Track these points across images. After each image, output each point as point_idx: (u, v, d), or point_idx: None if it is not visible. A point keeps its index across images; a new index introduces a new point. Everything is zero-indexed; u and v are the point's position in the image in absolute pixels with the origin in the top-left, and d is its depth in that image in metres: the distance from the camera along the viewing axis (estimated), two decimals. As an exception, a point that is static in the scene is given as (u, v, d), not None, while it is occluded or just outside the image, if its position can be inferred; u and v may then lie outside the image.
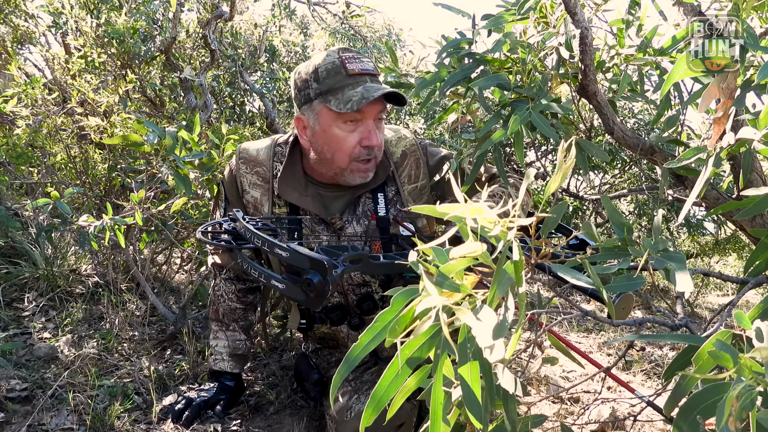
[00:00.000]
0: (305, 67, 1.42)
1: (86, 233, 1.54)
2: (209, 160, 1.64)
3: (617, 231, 0.68)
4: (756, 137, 0.69)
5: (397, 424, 1.35)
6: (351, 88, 1.34)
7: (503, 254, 0.55)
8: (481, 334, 0.51)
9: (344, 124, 1.37)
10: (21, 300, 2.00)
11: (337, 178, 1.45)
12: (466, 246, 0.56)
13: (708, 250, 3.93)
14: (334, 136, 1.38)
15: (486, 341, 0.50)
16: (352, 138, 1.37)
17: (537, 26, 1.12)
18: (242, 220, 1.08)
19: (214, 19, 2.74)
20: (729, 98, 0.75)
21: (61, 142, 2.27)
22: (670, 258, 0.63)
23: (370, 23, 4.97)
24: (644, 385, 2.12)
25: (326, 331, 1.60)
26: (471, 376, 0.55)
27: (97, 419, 1.40)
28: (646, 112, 3.07)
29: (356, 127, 1.37)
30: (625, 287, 0.65)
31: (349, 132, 1.37)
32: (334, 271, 0.88)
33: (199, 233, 1.18)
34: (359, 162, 1.40)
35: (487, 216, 0.56)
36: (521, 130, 0.99)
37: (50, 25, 2.65)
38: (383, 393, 0.58)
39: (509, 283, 0.56)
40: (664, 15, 1.15)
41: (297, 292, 0.91)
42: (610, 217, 0.70)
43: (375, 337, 0.59)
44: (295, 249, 0.91)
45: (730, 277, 0.92)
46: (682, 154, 0.81)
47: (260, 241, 0.99)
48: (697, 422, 0.53)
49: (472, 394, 0.55)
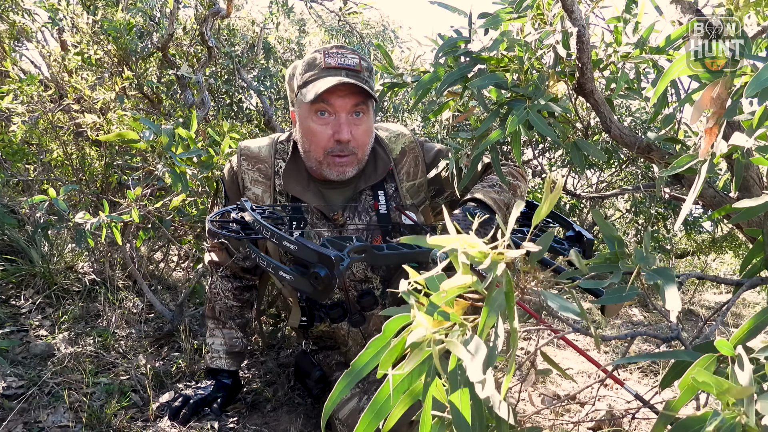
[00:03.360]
0: (299, 63, 1.47)
1: (83, 230, 1.53)
2: (208, 158, 1.64)
3: (609, 244, 0.69)
4: (747, 144, 0.69)
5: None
6: (321, 79, 1.36)
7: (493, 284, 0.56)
8: (471, 368, 0.52)
9: (316, 117, 1.39)
10: (17, 297, 2.00)
11: (318, 172, 1.47)
12: (457, 278, 0.58)
13: (704, 248, 3.94)
14: (309, 129, 1.41)
15: (477, 376, 0.51)
16: (323, 131, 1.40)
17: (534, 24, 1.12)
18: (251, 210, 1.09)
19: (211, 16, 2.73)
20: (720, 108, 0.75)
21: (57, 139, 2.26)
22: (661, 274, 0.64)
23: (366, 20, 4.96)
24: (640, 383, 2.13)
25: (325, 329, 1.61)
26: (461, 403, 0.57)
27: (93, 417, 1.40)
28: (643, 110, 3.08)
29: (328, 120, 1.40)
30: (618, 299, 0.66)
31: (322, 125, 1.40)
32: (341, 264, 0.90)
33: (209, 222, 1.19)
34: (333, 156, 1.42)
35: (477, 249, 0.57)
36: (519, 129, 0.99)
37: (47, 22, 2.63)
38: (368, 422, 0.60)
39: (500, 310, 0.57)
40: (660, 11, 1.15)
41: (304, 284, 0.93)
42: (601, 230, 0.70)
43: (368, 363, 0.61)
44: (303, 243, 0.92)
45: (725, 279, 0.92)
46: (675, 162, 0.81)
47: (269, 233, 1.00)
48: None
49: (463, 421, 0.57)
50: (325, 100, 1.36)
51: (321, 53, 1.40)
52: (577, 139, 1.07)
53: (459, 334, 0.58)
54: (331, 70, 1.37)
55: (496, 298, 0.57)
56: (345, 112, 1.39)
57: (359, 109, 1.40)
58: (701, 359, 0.56)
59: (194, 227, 2.20)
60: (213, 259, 1.66)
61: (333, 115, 1.39)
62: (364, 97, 1.39)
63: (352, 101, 1.38)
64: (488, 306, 0.56)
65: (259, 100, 3.20)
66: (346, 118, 1.39)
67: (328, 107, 1.38)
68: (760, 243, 0.81)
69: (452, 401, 0.57)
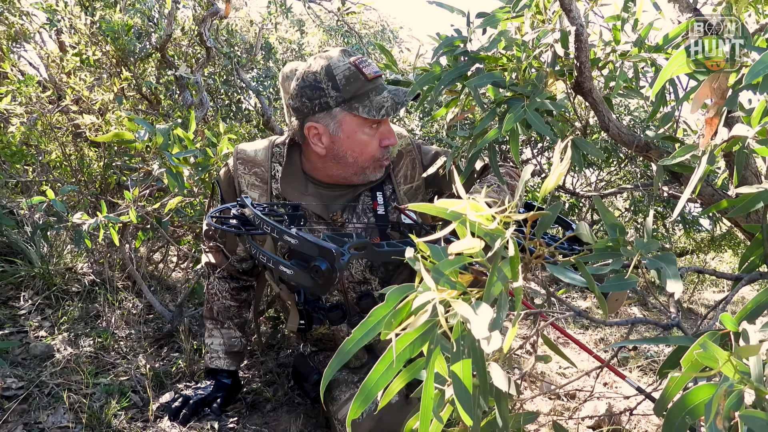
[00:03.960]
0: (307, 74, 1.38)
1: (81, 231, 1.53)
2: (204, 159, 1.63)
3: (610, 232, 0.69)
4: (749, 134, 0.69)
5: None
6: (375, 93, 1.38)
7: (500, 250, 0.56)
8: (477, 325, 0.51)
9: (369, 129, 1.41)
10: (17, 299, 2.00)
11: (353, 178, 1.48)
12: (464, 242, 0.56)
13: (703, 247, 3.94)
14: (359, 141, 1.41)
15: (482, 333, 0.51)
16: (375, 141, 1.43)
17: (532, 23, 1.12)
18: (251, 206, 1.09)
19: (210, 16, 2.73)
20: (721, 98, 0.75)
21: (55, 140, 2.26)
22: (662, 259, 0.64)
23: (365, 20, 4.96)
24: (640, 381, 2.13)
25: (325, 331, 1.60)
26: (464, 373, 0.56)
27: (93, 417, 1.40)
28: (642, 109, 3.08)
29: (377, 130, 1.43)
30: (618, 287, 0.66)
31: (371, 135, 1.42)
32: (342, 258, 0.90)
33: (208, 218, 1.19)
34: (377, 160, 1.46)
35: (484, 212, 0.56)
36: (516, 128, 0.99)
37: (45, 23, 2.63)
38: (373, 385, 0.58)
39: (504, 281, 0.56)
40: (658, 6, 1.15)
41: (305, 278, 0.93)
42: (603, 218, 0.70)
43: (368, 332, 0.59)
44: (304, 237, 0.93)
45: (724, 274, 0.92)
46: (676, 152, 0.81)
47: (269, 227, 1.00)
48: (686, 423, 0.54)
49: (464, 391, 0.56)
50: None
51: (352, 64, 1.37)
52: (576, 138, 1.07)
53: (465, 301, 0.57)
54: (374, 81, 1.39)
55: (501, 268, 0.56)
56: (388, 119, 1.44)
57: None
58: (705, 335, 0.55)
59: (193, 228, 2.20)
60: (210, 261, 1.66)
61: (380, 124, 1.43)
62: None
63: None
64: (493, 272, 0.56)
65: (258, 100, 3.20)
66: (389, 125, 1.45)
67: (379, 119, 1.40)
68: (758, 239, 0.81)
69: (454, 371, 0.56)
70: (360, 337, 0.59)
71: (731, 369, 0.51)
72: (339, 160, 1.44)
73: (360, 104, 1.36)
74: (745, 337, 0.53)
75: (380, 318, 0.59)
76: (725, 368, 0.51)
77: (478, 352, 0.56)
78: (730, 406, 0.49)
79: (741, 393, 0.50)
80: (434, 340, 0.57)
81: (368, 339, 0.59)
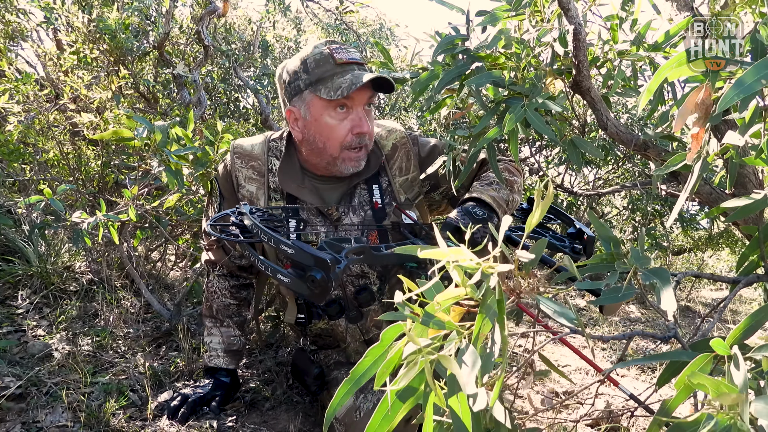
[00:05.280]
0: (292, 61, 1.45)
1: (79, 230, 1.53)
2: (203, 155, 1.63)
3: (605, 245, 0.70)
4: (740, 143, 0.69)
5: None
6: (340, 76, 1.37)
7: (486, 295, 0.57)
8: (465, 382, 0.53)
9: (335, 112, 1.40)
10: (14, 297, 1.99)
11: (330, 168, 1.47)
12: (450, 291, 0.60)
13: (701, 245, 3.95)
14: (325, 125, 1.41)
15: (470, 389, 0.53)
16: (343, 126, 1.41)
17: (532, 22, 1.12)
18: (249, 214, 1.10)
19: (208, 14, 2.73)
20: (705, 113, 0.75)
21: (53, 138, 2.25)
22: (657, 274, 0.65)
23: (362, 18, 4.96)
24: (638, 379, 2.14)
25: (324, 326, 1.61)
26: (461, 407, 0.58)
27: (92, 416, 1.40)
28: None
29: (347, 115, 1.41)
30: (615, 299, 0.67)
31: (340, 120, 1.40)
32: (337, 267, 0.91)
33: (208, 226, 1.20)
34: (350, 150, 1.43)
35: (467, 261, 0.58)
36: (516, 128, 0.99)
37: (42, 21, 2.62)
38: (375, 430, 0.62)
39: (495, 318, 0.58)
40: (657, 9, 1.16)
41: (301, 287, 0.94)
42: (598, 232, 0.71)
43: (367, 370, 0.63)
44: (300, 246, 0.94)
45: (722, 277, 0.92)
46: (669, 161, 0.81)
47: (266, 237, 1.01)
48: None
49: (461, 425, 0.58)
50: (347, 95, 1.37)
51: (327, 49, 1.40)
52: (574, 137, 1.07)
53: (455, 342, 0.60)
54: (345, 65, 1.39)
55: (490, 306, 0.58)
56: (362, 105, 1.41)
57: (370, 101, 1.44)
58: (697, 359, 0.57)
59: (191, 226, 2.20)
60: (210, 258, 1.66)
61: (351, 109, 1.40)
62: (374, 91, 1.42)
63: (367, 94, 1.41)
64: (483, 313, 0.58)
65: (256, 98, 3.20)
66: (362, 111, 1.42)
67: (347, 101, 1.39)
68: (756, 240, 0.81)
69: (451, 406, 0.58)
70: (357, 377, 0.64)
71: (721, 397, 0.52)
72: (312, 146, 1.45)
73: (323, 86, 1.38)
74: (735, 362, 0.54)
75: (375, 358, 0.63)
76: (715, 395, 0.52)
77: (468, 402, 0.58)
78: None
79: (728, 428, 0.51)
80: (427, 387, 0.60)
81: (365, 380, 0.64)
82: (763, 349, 0.56)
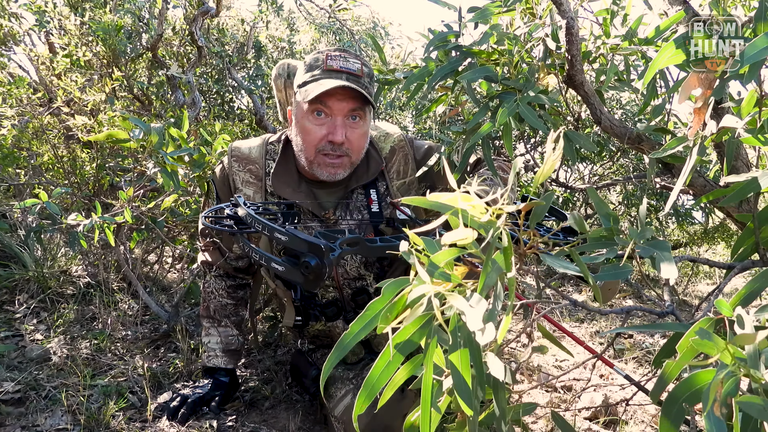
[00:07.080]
0: (300, 62, 1.49)
1: (76, 233, 1.53)
2: (200, 156, 1.63)
3: (604, 221, 0.69)
4: (739, 126, 0.69)
5: (404, 413, 1.35)
6: (320, 80, 1.37)
7: (493, 242, 0.56)
8: (471, 317, 0.52)
9: (312, 116, 1.40)
10: (12, 302, 1.99)
11: (312, 171, 1.47)
12: (457, 232, 0.56)
13: (696, 239, 3.96)
14: (303, 128, 1.42)
15: (476, 324, 0.51)
16: (318, 130, 1.40)
17: (523, 18, 1.13)
18: (244, 206, 1.10)
19: (201, 15, 2.72)
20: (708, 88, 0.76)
21: (47, 142, 2.25)
22: (656, 246, 0.64)
23: (356, 17, 4.96)
24: (636, 372, 2.14)
25: (321, 328, 1.61)
26: (461, 364, 0.56)
27: (91, 419, 1.40)
28: (634, 102, 3.09)
29: (324, 121, 1.40)
30: (613, 276, 0.66)
31: (318, 125, 1.40)
32: (332, 254, 0.90)
33: (202, 219, 1.20)
34: (323, 155, 1.41)
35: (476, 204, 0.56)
36: (509, 122, 1.00)
37: (34, 25, 2.62)
38: (375, 381, 0.59)
39: (499, 272, 0.56)
40: (649, 4, 1.16)
41: (296, 274, 0.94)
42: (596, 208, 0.70)
43: (366, 326, 0.59)
44: (293, 233, 0.94)
45: (717, 262, 0.93)
46: (668, 144, 0.82)
47: (261, 225, 1.01)
48: (684, 409, 0.54)
49: (462, 381, 0.56)
50: (322, 101, 1.36)
51: (324, 55, 1.40)
52: (568, 131, 1.08)
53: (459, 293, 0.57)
54: (332, 72, 1.38)
55: (495, 260, 0.56)
56: (342, 115, 1.39)
57: (356, 114, 1.40)
58: (700, 321, 0.55)
59: (188, 227, 2.20)
60: (206, 259, 1.66)
61: (329, 116, 1.39)
62: (361, 102, 1.39)
63: (349, 105, 1.38)
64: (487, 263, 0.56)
65: (250, 99, 3.20)
66: (342, 121, 1.39)
67: (325, 109, 1.38)
68: (750, 228, 0.82)
69: (452, 362, 0.56)
70: (358, 330, 0.59)
71: (728, 356, 0.51)
72: (296, 147, 1.47)
73: (303, 89, 1.39)
74: (740, 322, 0.53)
75: (377, 312, 0.59)
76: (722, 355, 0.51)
77: (474, 344, 0.56)
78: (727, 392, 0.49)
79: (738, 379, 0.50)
80: (431, 333, 0.57)
81: (366, 333, 0.59)
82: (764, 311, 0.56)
